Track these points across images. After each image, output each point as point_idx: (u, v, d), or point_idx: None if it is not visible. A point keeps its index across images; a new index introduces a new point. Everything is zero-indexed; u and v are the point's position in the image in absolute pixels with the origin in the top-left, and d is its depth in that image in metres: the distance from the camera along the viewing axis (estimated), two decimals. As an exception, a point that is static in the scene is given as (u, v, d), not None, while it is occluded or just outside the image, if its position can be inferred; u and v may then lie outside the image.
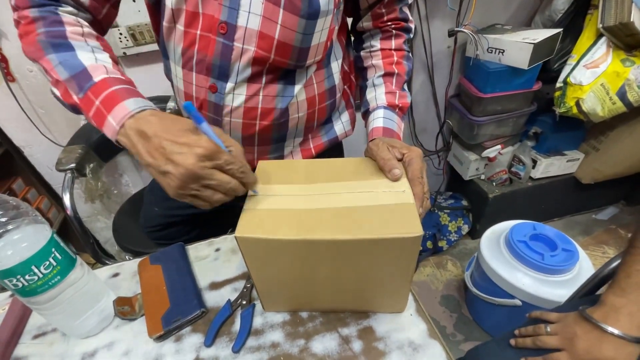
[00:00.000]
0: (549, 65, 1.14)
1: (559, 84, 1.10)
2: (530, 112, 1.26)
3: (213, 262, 0.56)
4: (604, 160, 1.28)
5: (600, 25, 1.00)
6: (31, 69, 0.88)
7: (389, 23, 0.58)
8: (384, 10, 0.56)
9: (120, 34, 0.92)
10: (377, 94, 0.57)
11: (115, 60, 0.45)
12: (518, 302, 0.97)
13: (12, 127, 0.97)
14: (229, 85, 0.49)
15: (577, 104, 1.06)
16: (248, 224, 0.36)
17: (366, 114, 0.58)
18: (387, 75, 0.57)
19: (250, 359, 0.42)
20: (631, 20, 0.94)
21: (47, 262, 0.38)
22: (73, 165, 0.88)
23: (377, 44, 0.59)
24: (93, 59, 0.42)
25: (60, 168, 0.88)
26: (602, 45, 1.03)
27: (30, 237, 0.37)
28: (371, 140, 0.50)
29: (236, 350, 0.43)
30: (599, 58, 1.02)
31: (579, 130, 1.33)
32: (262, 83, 0.50)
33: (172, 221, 0.75)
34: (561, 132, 1.31)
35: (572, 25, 1.10)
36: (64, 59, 0.40)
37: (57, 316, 0.43)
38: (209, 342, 0.44)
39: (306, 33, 0.47)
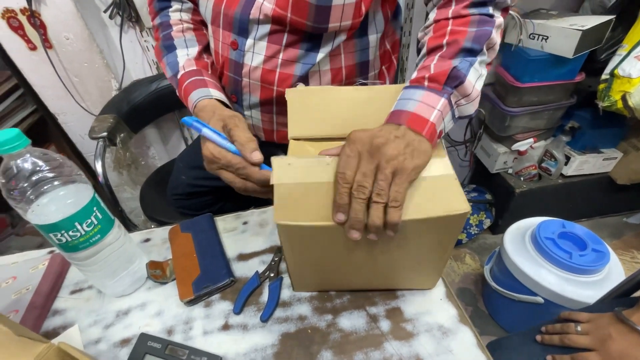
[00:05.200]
0: (595, 55, 1.07)
1: (604, 76, 1.03)
2: (569, 106, 1.19)
3: (241, 234, 0.56)
4: (644, 161, 1.20)
5: (659, 13, 0.92)
6: (68, 36, 0.90)
7: None
8: None
9: (154, 4, 0.92)
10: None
11: (205, 45, 0.57)
12: (540, 300, 0.95)
13: (48, 94, 1.00)
14: (249, 41, 0.49)
15: (623, 98, 0.99)
16: (285, 207, 0.34)
17: None
18: (431, 52, 0.43)
19: (278, 329, 0.43)
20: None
21: (89, 220, 0.39)
22: (105, 134, 0.91)
23: (432, 15, 0.46)
24: (186, 55, 0.54)
25: (93, 136, 0.90)
26: (658, 36, 0.95)
27: (74, 195, 0.38)
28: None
29: (264, 319, 0.43)
30: (653, 49, 0.94)
31: (619, 127, 1.25)
32: (282, 45, 0.49)
33: (197, 191, 0.77)
34: (600, 129, 1.24)
35: (625, 13, 1.02)
36: (169, 61, 0.54)
37: (95, 273, 0.44)
38: (238, 310, 0.45)
39: None
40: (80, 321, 0.46)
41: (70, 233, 0.38)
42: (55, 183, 0.36)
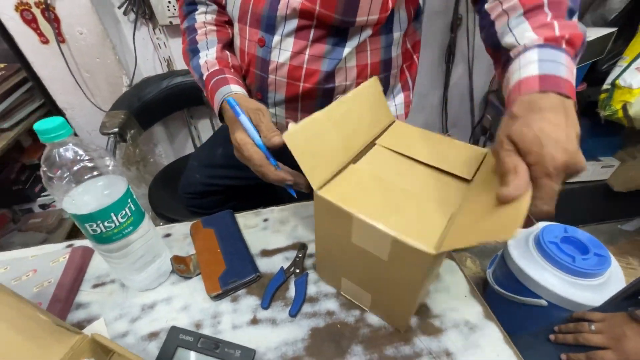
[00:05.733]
0: (596, 66, 1.10)
1: (606, 86, 1.06)
2: (569, 114, 1.22)
3: (262, 231, 0.57)
4: (641, 169, 1.24)
5: (659, 28, 0.96)
6: (82, 31, 0.89)
7: None
8: None
9: (169, 2, 0.93)
10: (518, 33, 0.37)
11: (225, 42, 0.58)
12: (544, 302, 0.97)
13: (57, 88, 0.99)
14: (276, 38, 0.50)
15: (624, 108, 1.03)
16: (334, 187, 0.36)
17: (504, 72, 0.38)
18: (533, 9, 0.37)
19: (307, 323, 0.43)
20: (693, 23, 0.90)
21: (124, 212, 0.40)
22: (116, 129, 0.90)
23: None
24: (205, 56, 0.55)
25: (104, 131, 0.90)
26: (657, 49, 0.99)
27: (110, 186, 0.38)
28: (517, 100, 0.31)
29: (293, 314, 0.44)
30: (653, 62, 0.98)
31: (616, 136, 1.29)
32: (309, 40, 0.49)
33: (210, 190, 0.77)
34: (598, 137, 1.27)
35: (626, 26, 1.06)
36: (194, 65, 0.56)
37: (123, 266, 0.44)
38: (266, 305, 0.45)
39: None
40: (105, 314, 0.45)
41: (106, 224, 0.38)
42: (95, 173, 0.36)
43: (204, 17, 0.58)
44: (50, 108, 1.04)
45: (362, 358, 0.39)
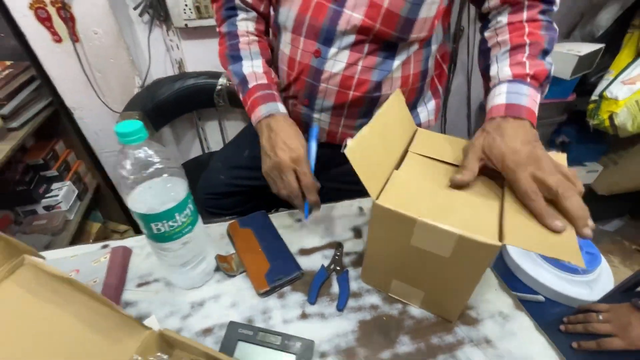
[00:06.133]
0: (585, 78, 1.19)
1: (594, 97, 1.15)
2: (559, 122, 1.31)
3: (298, 230, 0.59)
4: (622, 174, 1.35)
5: (642, 45, 1.05)
6: (97, 30, 0.89)
7: None
8: None
9: (186, 5, 0.93)
10: (500, 67, 0.48)
11: (267, 58, 0.61)
12: (541, 298, 1.03)
13: (67, 87, 0.97)
14: (332, 50, 0.53)
15: (610, 118, 1.12)
16: (389, 195, 0.39)
17: (486, 97, 0.50)
18: (515, 48, 0.47)
19: (354, 317, 0.46)
20: (672, 42, 0.99)
21: (186, 212, 0.41)
22: (132, 130, 0.90)
23: (504, 19, 0.50)
24: (250, 67, 0.58)
25: (119, 132, 0.89)
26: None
27: (175, 187, 0.40)
28: (489, 120, 0.44)
29: (340, 308, 0.46)
30: (636, 75, 1.08)
31: (601, 143, 1.39)
32: (363, 53, 0.53)
33: (233, 190, 0.78)
34: (584, 144, 1.37)
35: (612, 43, 1.15)
36: (235, 70, 0.59)
37: (176, 263, 0.45)
38: (313, 300, 0.47)
39: (415, 2, 0.48)
40: (154, 312, 0.46)
41: (170, 223, 0.40)
42: (164, 175, 0.38)
43: (245, 25, 0.59)
44: (57, 107, 1.02)
45: (410, 347, 0.42)
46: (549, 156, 0.39)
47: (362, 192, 0.47)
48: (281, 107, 0.55)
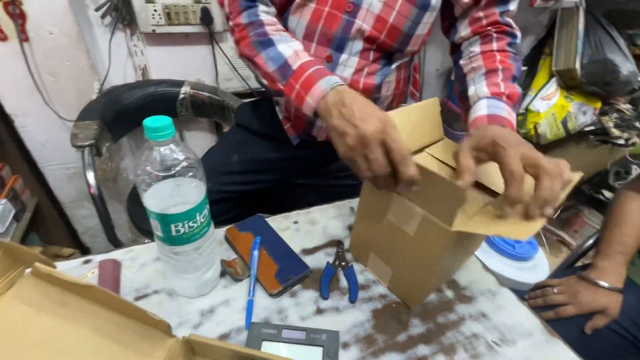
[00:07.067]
0: (513, 95, 1.41)
1: (522, 110, 1.37)
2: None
3: (295, 232, 0.60)
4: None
5: (554, 68, 1.29)
6: (52, 30, 0.80)
7: (489, 28, 0.56)
8: (481, 14, 0.56)
9: (155, 10, 0.90)
10: (478, 88, 0.52)
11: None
12: (495, 286, 1.16)
13: (9, 91, 0.85)
14: (343, 56, 0.58)
15: (535, 128, 1.34)
16: None
17: (466, 115, 0.53)
18: (490, 72, 0.53)
19: (367, 307, 0.48)
20: (575, 67, 1.23)
21: (204, 213, 0.40)
22: (92, 141, 0.82)
23: (476, 49, 0.57)
24: (289, 49, 0.51)
25: (77, 144, 0.81)
26: (553, 84, 1.33)
27: (196, 187, 0.39)
28: (473, 128, 0.47)
29: (353, 300, 0.48)
30: (551, 93, 1.31)
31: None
32: (369, 59, 0.60)
33: (221, 198, 0.76)
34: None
35: (531, 66, 1.39)
36: (270, 55, 0.51)
37: (188, 268, 0.43)
38: (326, 295, 0.49)
39: (415, 22, 0.56)
40: (161, 325, 0.43)
41: (190, 223, 0.38)
42: (189, 175, 0.37)
43: (269, 17, 0.55)
44: (-7, 114, 0.89)
45: (422, 328, 0.46)
46: None
47: (357, 188, 0.51)
48: (339, 79, 0.48)
